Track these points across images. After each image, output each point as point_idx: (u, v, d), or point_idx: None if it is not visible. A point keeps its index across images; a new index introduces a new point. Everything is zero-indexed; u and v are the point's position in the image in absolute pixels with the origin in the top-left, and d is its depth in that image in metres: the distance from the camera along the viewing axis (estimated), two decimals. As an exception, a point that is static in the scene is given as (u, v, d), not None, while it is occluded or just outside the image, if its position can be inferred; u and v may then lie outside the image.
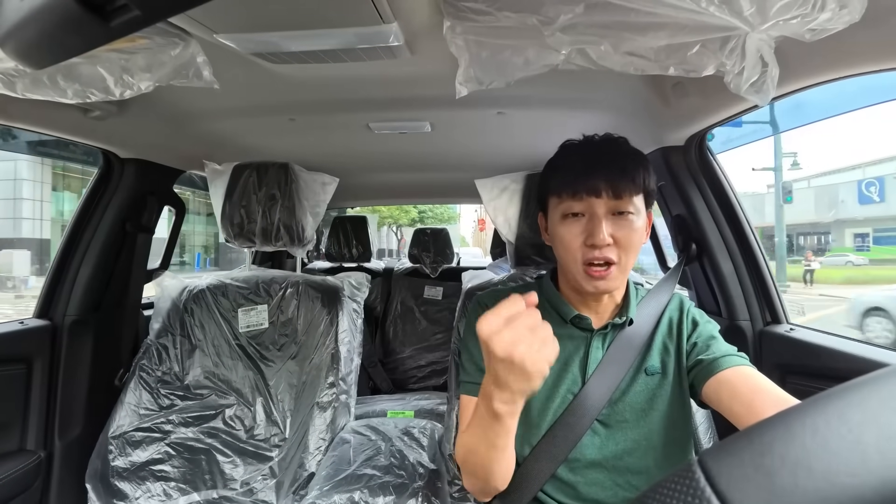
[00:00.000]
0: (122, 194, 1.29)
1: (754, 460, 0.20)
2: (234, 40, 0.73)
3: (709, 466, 0.21)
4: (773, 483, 0.19)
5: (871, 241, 14.15)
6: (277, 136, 1.36)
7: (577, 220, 0.71)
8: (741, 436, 0.22)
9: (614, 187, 0.69)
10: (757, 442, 0.21)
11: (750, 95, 0.62)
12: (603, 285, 0.71)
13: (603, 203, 0.70)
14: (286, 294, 1.26)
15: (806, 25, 0.53)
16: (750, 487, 0.19)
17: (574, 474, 0.73)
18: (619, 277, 0.72)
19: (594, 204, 0.70)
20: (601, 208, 0.70)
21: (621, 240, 0.70)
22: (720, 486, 0.20)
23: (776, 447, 0.20)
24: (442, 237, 2.45)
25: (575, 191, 0.70)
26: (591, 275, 0.70)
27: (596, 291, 0.72)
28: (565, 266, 0.75)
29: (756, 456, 0.20)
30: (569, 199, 0.71)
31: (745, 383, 0.65)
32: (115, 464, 1.11)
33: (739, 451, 0.21)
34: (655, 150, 1.19)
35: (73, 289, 1.26)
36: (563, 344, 0.76)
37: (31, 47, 0.34)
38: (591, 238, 0.69)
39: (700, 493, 0.20)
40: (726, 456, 0.21)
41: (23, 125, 1.00)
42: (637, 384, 0.74)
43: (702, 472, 0.21)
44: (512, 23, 0.60)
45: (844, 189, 14.31)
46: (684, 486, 0.21)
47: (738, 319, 1.14)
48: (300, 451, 1.10)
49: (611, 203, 0.70)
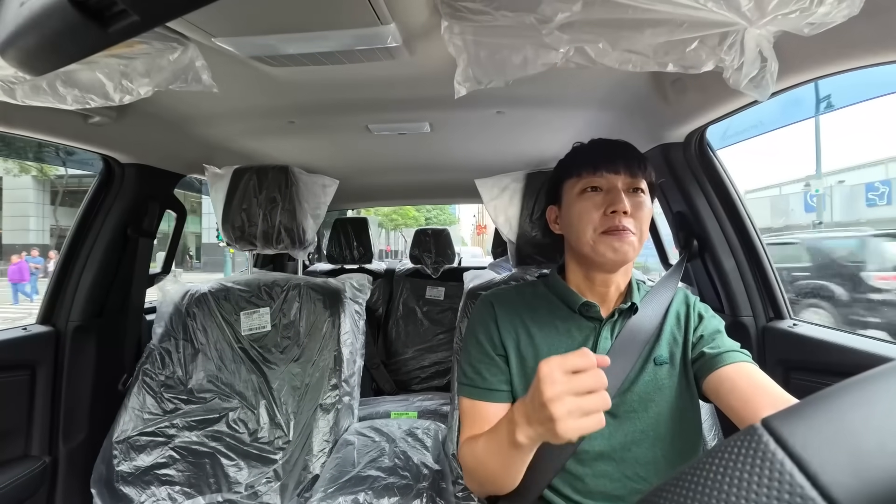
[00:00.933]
0: (122, 199, 1.30)
1: (832, 423, 0.19)
2: (233, 44, 0.73)
3: (777, 429, 0.20)
4: (858, 445, 0.18)
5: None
6: (277, 139, 1.36)
7: (596, 194, 0.75)
8: (812, 400, 0.21)
9: (630, 168, 0.75)
10: (833, 405, 0.20)
11: (749, 91, 0.61)
12: (622, 249, 0.72)
13: (621, 179, 0.74)
14: (288, 297, 1.27)
15: (805, 20, 0.53)
16: (830, 449, 0.19)
17: (582, 466, 0.72)
18: (636, 247, 0.74)
19: (614, 179, 0.74)
20: (620, 183, 0.74)
21: (637, 215, 0.73)
22: (794, 448, 0.19)
23: (858, 410, 0.20)
24: (443, 237, 2.45)
25: (595, 168, 0.75)
26: (612, 234, 0.72)
27: (615, 256, 0.72)
28: (580, 242, 0.75)
29: (834, 418, 0.20)
30: (589, 176, 0.76)
31: (746, 380, 0.65)
32: (120, 468, 1.11)
33: (812, 413, 0.20)
34: (655, 146, 1.19)
35: (76, 294, 1.26)
36: (571, 335, 0.77)
37: (31, 54, 0.34)
38: (613, 206, 0.72)
39: (770, 455, 0.19)
40: (797, 419, 0.20)
41: (23, 132, 1.00)
42: (646, 374, 0.74)
43: (770, 435, 0.20)
44: (510, 22, 0.60)
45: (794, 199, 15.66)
46: (749, 450, 0.20)
47: (740, 316, 1.13)
48: (304, 453, 1.10)
49: (627, 180, 0.75)
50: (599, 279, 0.77)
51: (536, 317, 0.79)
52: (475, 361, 0.78)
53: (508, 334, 0.78)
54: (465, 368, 0.79)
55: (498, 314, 0.80)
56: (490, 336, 0.79)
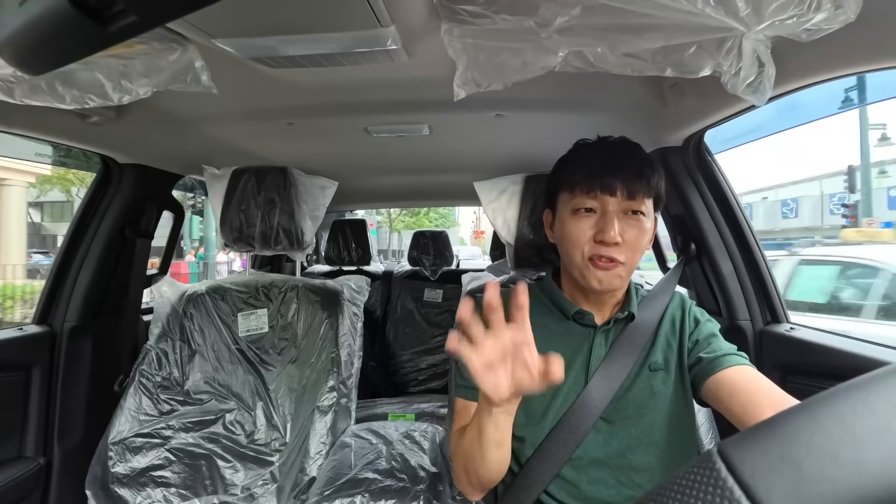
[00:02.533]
0: (120, 200, 1.29)
1: (779, 450, 0.20)
2: (233, 45, 0.73)
3: (730, 456, 0.20)
4: (800, 472, 0.19)
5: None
6: (276, 140, 1.36)
7: (588, 216, 0.72)
8: (763, 426, 0.21)
9: (629, 187, 0.70)
10: (781, 431, 0.20)
11: (747, 96, 0.62)
12: (607, 280, 0.71)
13: (616, 202, 0.71)
14: (286, 298, 1.26)
15: (802, 25, 0.53)
16: (775, 477, 0.19)
17: (577, 473, 0.72)
18: (624, 277, 0.72)
19: (608, 202, 0.71)
20: (614, 206, 0.71)
21: (630, 240, 0.70)
22: (743, 476, 0.19)
23: (801, 436, 0.20)
24: (441, 240, 2.45)
25: (590, 187, 0.71)
26: (598, 265, 0.70)
27: (600, 287, 0.71)
28: (570, 262, 0.75)
29: (780, 445, 0.20)
30: (582, 195, 0.72)
31: (744, 383, 0.65)
32: (115, 470, 1.11)
33: (762, 440, 0.21)
34: (653, 150, 1.19)
35: (73, 295, 1.25)
36: (564, 341, 0.76)
37: (30, 53, 0.34)
38: (602, 234, 0.69)
39: (721, 483, 0.20)
40: (748, 446, 0.21)
41: (21, 131, 1.00)
42: (640, 380, 0.74)
43: (722, 462, 0.20)
44: (509, 25, 0.60)
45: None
46: (704, 477, 0.20)
47: (738, 319, 1.14)
48: (301, 455, 1.10)
49: (624, 203, 0.71)
50: (593, 294, 0.76)
51: (532, 320, 0.79)
52: None
53: None
54: (461, 368, 0.78)
55: None
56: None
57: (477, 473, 0.66)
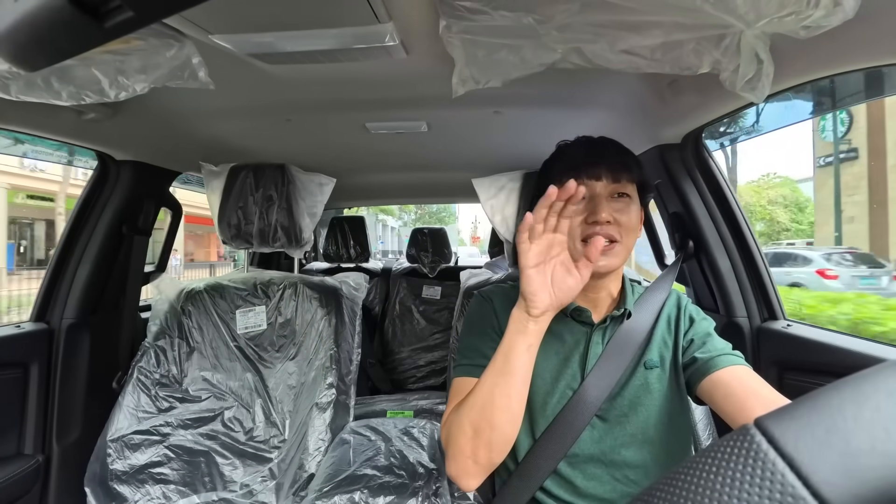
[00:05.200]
0: (118, 197, 1.29)
1: (823, 422, 0.19)
2: (230, 41, 0.73)
3: (769, 429, 0.20)
4: (848, 444, 0.18)
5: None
6: (274, 137, 1.36)
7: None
8: (804, 400, 0.21)
9: (614, 172, 0.73)
10: (824, 404, 0.20)
11: (745, 93, 0.62)
12: (604, 262, 0.71)
13: (603, 185, 0.73)
14: (284, 295, 1.26)
15: (800, 23, 0.53)
16: (822, 449, 0.19)
17: (573, 469, 0.73)
18: (621, 255, 0.73)
19: (594, 186, 0.73)
20: (601, 190, 0.73)
21: (621, 221, 0.72)
22: (786, 448, 0.19)
23: (847, 409, 0.19)
24: (440, 237, 2.45)
25: (576, 175, 0.73)
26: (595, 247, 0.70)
27: (597, 269, 0.71)
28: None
29: (825, 418, 0.19)
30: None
31: (740, 384, 0.65)
32: (114, 467, 1.11)
33: (804, 413, 0.20)
34: (652, 147, 1.19)
35: (70, 292, 1.25)
36: (562, 338, 0.77)
37: (25, 49, 0.34)
38: (594, 216, 0.71)
39: (763, 455, 0.19)
40: (789, 419, 0.20)
41: (17, 128, 0.99)
42: (636, 378, 0.74)
43: (762, 434, 0.20)
44: (508, 22, 0.60)
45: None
46: (741, 450, 0.20)
47: (735, 316, 1.14)
48: (300, 452, 1.10)
49: (610, 186, 0.73)
50: (589, 285, 0.76)
51: None
52: (477, 342, 0.76)
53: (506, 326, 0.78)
54: (463, 351, 0.78)
55: (496, 307, 0.80)
56: (491, 324, 0.78)
57: (489, 436, 0.62)
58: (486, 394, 0.64)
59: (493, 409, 0.63)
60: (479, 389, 0.65)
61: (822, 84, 0.80)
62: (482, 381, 0.65)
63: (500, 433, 0.63)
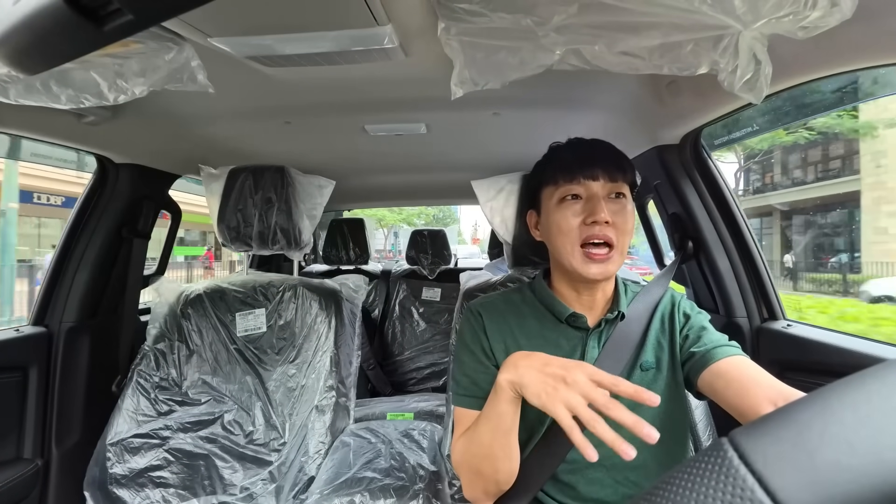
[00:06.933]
0: (117, 200, 1.29)
1: (791, 438, 0.20)
2: (229, 44, 0.73)
3: (741, 444, 0.20)
4: (814, 460, 0.19)
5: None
6: (273, 140, 1.36)
7: (574, 203, 0.74)
8: (774, 415, 0.21)
9: (610, 173, 0.73)
10: (793, 419, 0.20)
11: (744, 93, 0.62)
12: (601, 269, 0.71)
13: (600, 185, 0.73)
14: (284, 298, 1.26)
15: (798, 23, 0.53)
16: (788, 465, 0.19)
17: (574, 474, 0.73)
18: (617, 261, 0.73)
19: (592, 186, 0.73)
20: (599, 189, 0.73)
21: (617, 222, 0.72)
22: (755, 464, 0.19)
23: (814, 424, 0.20)
24: (439, 239, 2.45)
25: (573, 175, 0.73)
26: (592, 258, 0.71)
27: (594, 277, 0.72)
28: (560, 254, 0.75)
29: (793, 433, 0.20)
30: (567, 184, 0.74)
31: (738, 373, 0.65)
32: (114, 471, 1.10)
33: (774, 429, 0.20)
34: (651, 148, 1.20)
35: (70, 295, 1.25)
36: (558, 344, 0.76)
37: (24, 53, 0.34)
38: (593, 216, 0.71)
39: (734, 471, 0.20)
40: (759, 434, 0.20)
41: (16, 131, 0.99)
42: (632, 380, 0.74)
43: (734, 450, 0.20)
44: (506, 24, 0.60)
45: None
46: (715, 466, 0.20)
47: (735, 316, 1.14)
48: (300, 455, 1.10)
49: (608, 186, 0.73)
50: (584, 288, 0.77)
51: (524, 325, 0.79)
52: (469, 371, 0.77)
53: (497, 343, 0.77)
54: (459, 379, 0.78)
55: (486, 323, 0.79)
56: (480, 345, 0.78)
57: (497, 471, 0.67)
58: (485, 447, 0.67)
59: (493, 459, 0.67)
60: (477, 439, 0.67)
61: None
62: (480, 433, 0.67)
63: (504, 473, 0.68)
